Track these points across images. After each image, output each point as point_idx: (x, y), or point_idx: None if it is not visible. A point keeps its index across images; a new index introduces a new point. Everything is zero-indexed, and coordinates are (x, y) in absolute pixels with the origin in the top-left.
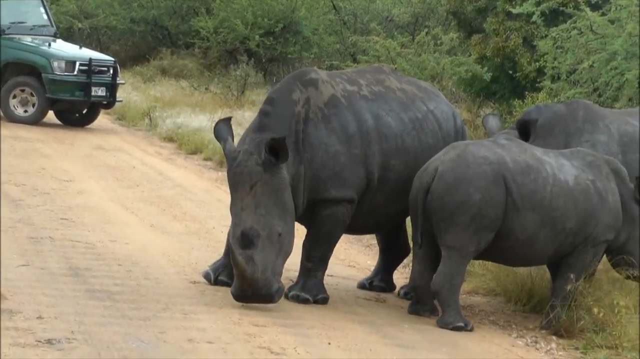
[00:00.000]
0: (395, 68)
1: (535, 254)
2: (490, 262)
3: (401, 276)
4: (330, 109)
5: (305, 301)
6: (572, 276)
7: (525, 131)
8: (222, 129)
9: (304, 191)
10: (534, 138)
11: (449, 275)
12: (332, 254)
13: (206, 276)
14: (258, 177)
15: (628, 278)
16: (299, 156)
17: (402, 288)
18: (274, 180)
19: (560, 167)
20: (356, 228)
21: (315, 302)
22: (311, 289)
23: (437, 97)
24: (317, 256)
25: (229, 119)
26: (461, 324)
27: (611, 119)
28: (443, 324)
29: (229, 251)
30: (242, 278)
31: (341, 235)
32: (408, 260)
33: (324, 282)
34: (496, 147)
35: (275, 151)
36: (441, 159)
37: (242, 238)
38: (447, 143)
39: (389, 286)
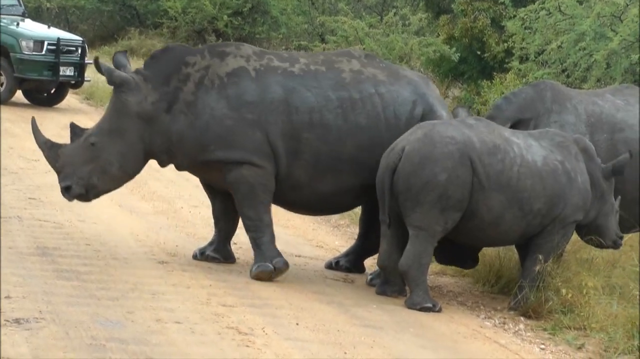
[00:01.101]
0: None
1: (502, 234)
2: None
3: (373, 260)
4: (231, 78)
5: (266, 270)
6: (540, 256)
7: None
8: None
9: (186, 151)
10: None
11: (417, 255)
12: (301, 235)
13: (194, 256)
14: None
15: (599, 246)
16: (180, 116)
17: (370, 274)
18: (115, 100)
19: (528, 147)
20: (292, 203)
21: (276, 269)
22: (266, 258)
23: (401, 83)
24: (249, 223)
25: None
26: (429, 304)
27: (578, 100)
28: (411, 305)
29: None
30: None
31: (266, 199)
32: None
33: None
34: (464, 127)
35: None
36: (408, 138)
37: (70, 131)
38: (393, 126)
39: (357, 269)
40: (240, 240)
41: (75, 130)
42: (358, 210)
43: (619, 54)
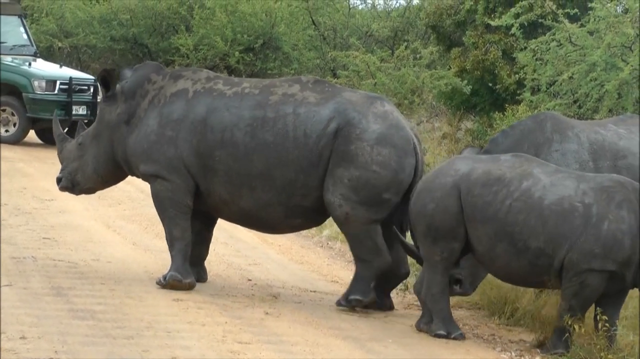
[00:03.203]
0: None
1: (504, 270)
2: None
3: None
4: (172, 98)
5: (178, 281)
6: (565, 304)
7: None
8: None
9: (123, 152)
10: None
11: (426, 285)
12: (315, 271)
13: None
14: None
15: None
16: (134, 129)
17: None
18: (102, 110)
19: (552, 184)
20: (229, 218)
21: (185, 285)
22: (178, 274)
23: (328, 104)
24: (167, 239)
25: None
26: (442, 332)
27: (581, 129)
28: (428, 331)
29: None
30: None
31: (175, 213)
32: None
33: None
34: (488, 160)
35: (106, 81)
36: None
37: (77, 128)
38: (301, 143)
39: (382, 305)
40: (255, 276)
41: (79, 128)
42: None
43: (630, 84)
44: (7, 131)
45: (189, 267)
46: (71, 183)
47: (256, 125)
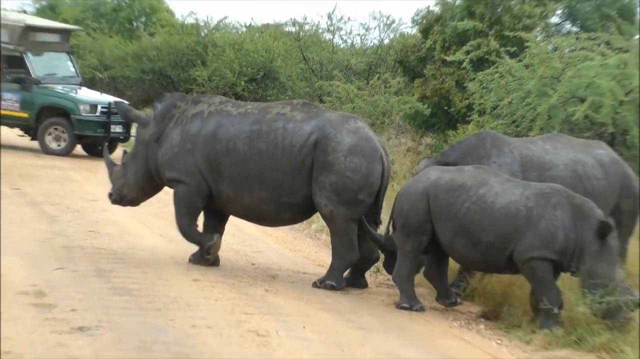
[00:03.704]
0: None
1: (461, 258)
2: None
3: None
4: (192, 118)
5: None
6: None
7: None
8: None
9: (155, 164)
10: None
11: (398, 267)
12: (306, 257)
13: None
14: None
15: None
16: (157, 144)
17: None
18: (138, 133)
19: (502, 192)
20: (235, 213)
21: (206, 254)
22: (195, 256)
23: (311, 121)
24: (180, 230)
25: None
26: (405, 305)
27: (514, 145)
28: (396, 305)
29: None
30: None
31: (190, 213)
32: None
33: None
34: (451, 171)
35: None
36: None
37: (122, 155)
38: (288, 151)
39: (358, 284)
40: (257, 261)
41: (124, 154)
42: None
43: (557, 108)
44: (59, 145)
45: (205, 234)
46: (119, 197)
47: (253, 137)
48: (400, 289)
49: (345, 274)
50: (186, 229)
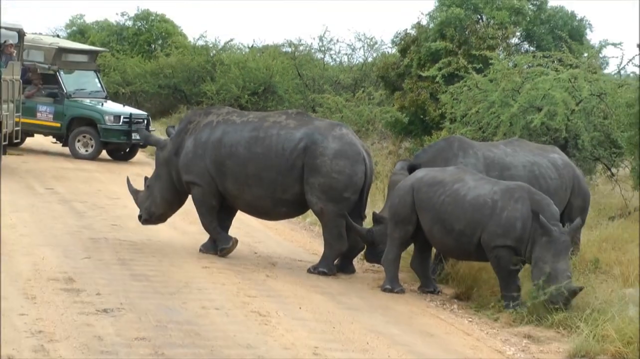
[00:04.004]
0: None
1: (442, 245)
2: (411, 249)
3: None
4: (203, 128)
5: (227, 249)
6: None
7: (414, 168)
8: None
9: (177, 174)
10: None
11: (386, 252)
12: (301, 246)
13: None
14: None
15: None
16: (177, 158)
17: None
18: (157, 155)
19: (474, 187)
20: (240, 208)
21: (231, 248)
22: (223, 242)
23: (301, 128)
24: (204, 227)
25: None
26: (388, 286)
27: (479, 148)
28: (381, 288)
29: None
30: None
31: (209, 212)
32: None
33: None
34: (435, 170)
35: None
36: None
37: (144, 181)
38: (280, 154)
39: (347, 269)
40: (259, 250)
41: (145, 179)
42: None
43: (518, 116)
44: (87, 150)
45: (225, 235)
46: (149, 215)
47: (252, 142)
48: (386, 272)
49: (336, 261)
50: (208, 227)
